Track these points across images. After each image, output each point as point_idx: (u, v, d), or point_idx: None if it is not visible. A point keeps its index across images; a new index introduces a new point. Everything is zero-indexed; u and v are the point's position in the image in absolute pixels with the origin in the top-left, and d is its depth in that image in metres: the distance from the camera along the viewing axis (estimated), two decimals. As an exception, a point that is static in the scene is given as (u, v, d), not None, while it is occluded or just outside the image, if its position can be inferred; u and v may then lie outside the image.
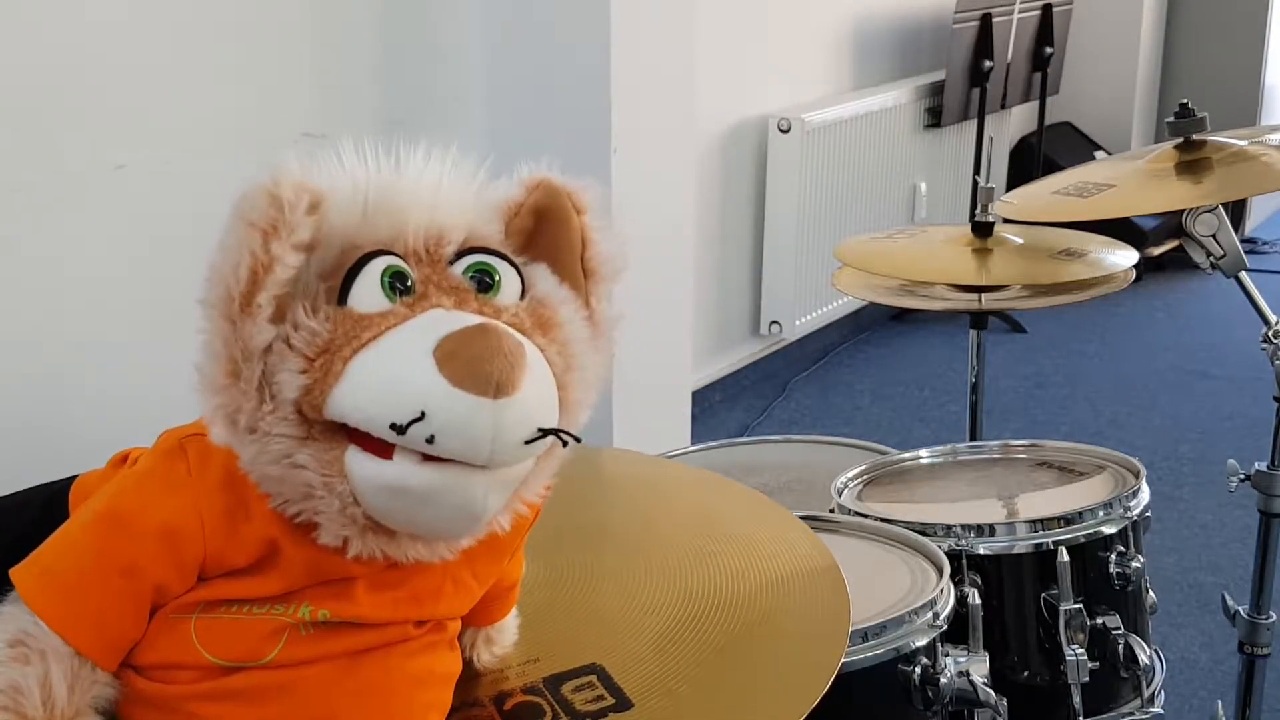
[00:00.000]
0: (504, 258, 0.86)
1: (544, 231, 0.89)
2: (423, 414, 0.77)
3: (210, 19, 2.06)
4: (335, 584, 0.86)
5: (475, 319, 0.81)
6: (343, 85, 2.30)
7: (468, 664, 0.99)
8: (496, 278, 0.85)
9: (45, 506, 1.03)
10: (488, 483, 0.81)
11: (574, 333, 0.87)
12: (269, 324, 0.78)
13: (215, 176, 2.07)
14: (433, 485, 0.80)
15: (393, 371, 0.78)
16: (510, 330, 0.81)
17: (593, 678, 0.98)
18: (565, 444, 0.85)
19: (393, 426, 0.77)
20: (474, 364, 0.77)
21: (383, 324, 0.80)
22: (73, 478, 1.02)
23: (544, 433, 0.81)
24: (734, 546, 1.19)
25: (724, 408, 3.93)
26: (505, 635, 1.03)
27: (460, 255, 0.85)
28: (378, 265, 0.81)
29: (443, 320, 0.80)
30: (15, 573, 0.85)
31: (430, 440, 0.77)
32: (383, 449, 0.80)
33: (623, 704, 0.95)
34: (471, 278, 0.84)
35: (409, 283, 0.82)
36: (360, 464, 0.80)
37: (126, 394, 1.97)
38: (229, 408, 0.80)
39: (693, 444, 2.08)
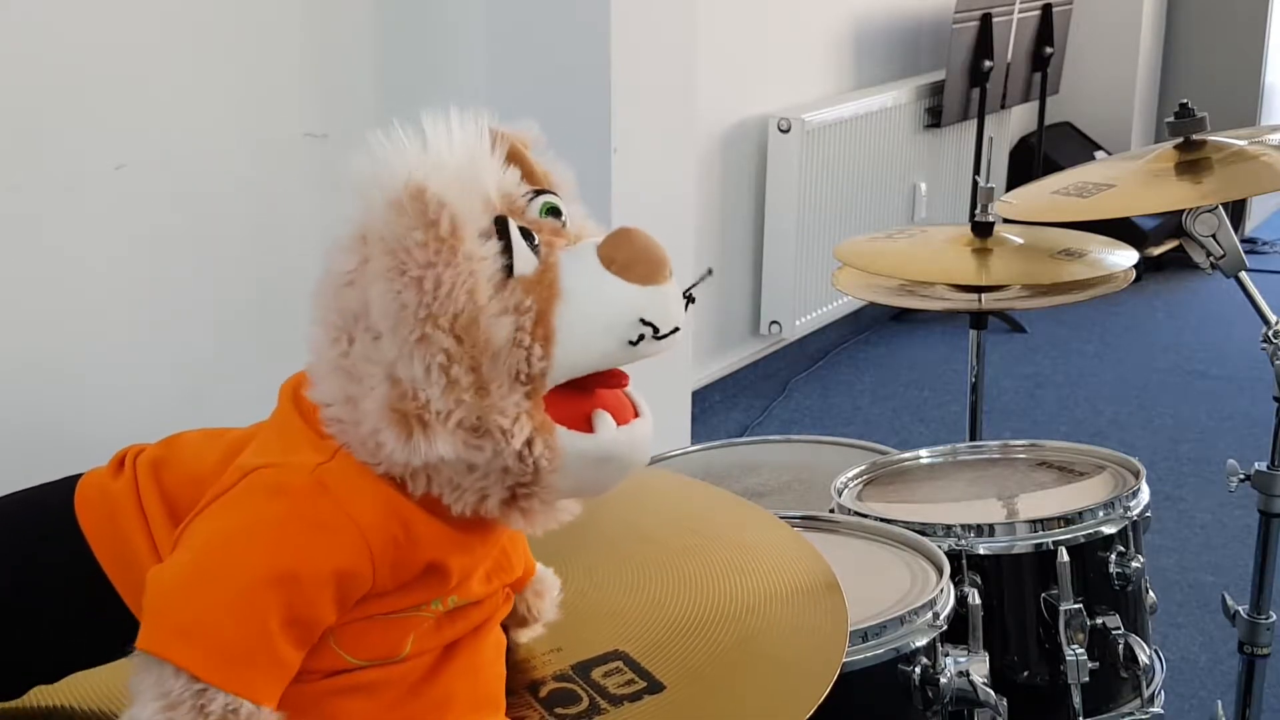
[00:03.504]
0: (549, 191, 0.88)
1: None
2: (642, 320, 0.82)
3: (210, 19, 2.06)
4: None
5: (601, 233, 0.84)
6: (343, 85, 2.30)
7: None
8: (561, 208, 0.87)
9: (39, 507, 1.02)
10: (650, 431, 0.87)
11: None
12: (500, 317, 0.80)
13: (215, 176, 2.09)
14: (632, 445, 0.85)
15: (595, 304, 0.82)
16: None
17: (619, 663, 0.99)
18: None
19: (630, 344, 0.82)
20: (647, 261, 0.82)
21: (548, 277, 0.82)
22: (67, 478, 1.00)
23: (686, 297, 0.86)
24: (729, 550, 1.19)
25: (724, 408, 3.93)
26: (547, 583, 1.03)
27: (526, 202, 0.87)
28: (510, 230, 0.82)
29: (582, 248, 0.84)
30: (173, 652, 0.80)
31: (657, 335, 0.82)
32: (585, 423, 0.83)
33: (654, 686, 0.96)
34: (546, 215, 0.86)
35: (534, 239, 0.84)
36: (570, 441, 0.83)
37: (126, 393, 1.97)
38: (469, 420, 0.80)
39: (693, 444, 2.08)
